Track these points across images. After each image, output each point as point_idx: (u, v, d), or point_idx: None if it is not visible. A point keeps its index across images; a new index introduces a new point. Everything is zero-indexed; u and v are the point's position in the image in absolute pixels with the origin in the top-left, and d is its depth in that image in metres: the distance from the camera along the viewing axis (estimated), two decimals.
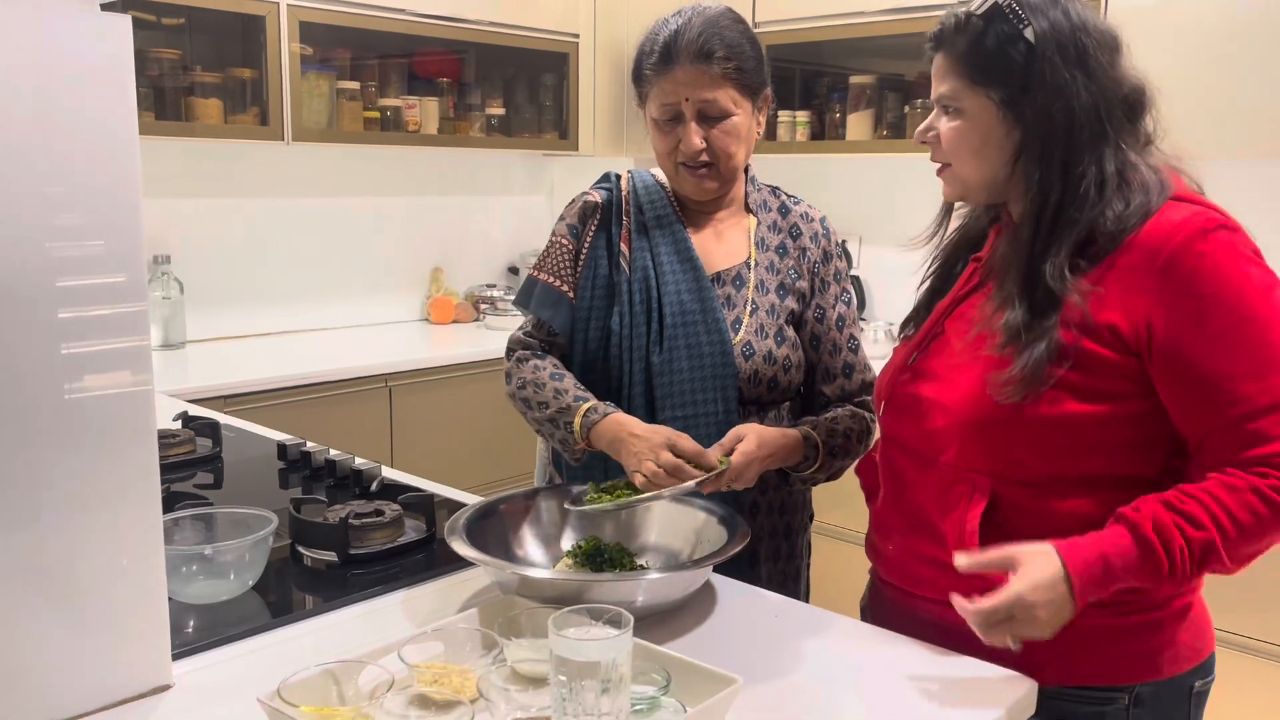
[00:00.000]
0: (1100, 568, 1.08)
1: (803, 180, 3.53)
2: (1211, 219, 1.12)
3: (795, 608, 1.35)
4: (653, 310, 1.55)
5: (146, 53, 2.88)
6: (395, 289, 3.73)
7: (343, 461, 1.84)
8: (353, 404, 2.91)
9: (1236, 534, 1.07)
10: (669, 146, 1.54)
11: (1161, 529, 1.08)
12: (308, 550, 1.47)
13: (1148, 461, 1.17)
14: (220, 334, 3.29)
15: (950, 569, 1.21)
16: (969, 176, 1.23)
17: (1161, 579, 1.08)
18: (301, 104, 3.03)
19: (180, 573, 1.29)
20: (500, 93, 3.71)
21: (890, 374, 1.35)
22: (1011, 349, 1.15)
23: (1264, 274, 1.12)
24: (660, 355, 1.53)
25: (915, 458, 1.26)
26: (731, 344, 1.53)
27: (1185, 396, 1.12)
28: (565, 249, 1.62)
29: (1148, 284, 1.11)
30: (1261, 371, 1.08)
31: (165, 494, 1.66)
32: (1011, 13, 1.16)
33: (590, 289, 1.59)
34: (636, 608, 1.22)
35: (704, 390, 1.52)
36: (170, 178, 3.13)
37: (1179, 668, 1.21)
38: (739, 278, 1.58)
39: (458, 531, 1.32)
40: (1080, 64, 1.15)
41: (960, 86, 1.19)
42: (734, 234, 1.61)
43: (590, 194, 1.65)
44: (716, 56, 1.47)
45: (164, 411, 2.19)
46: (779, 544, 1.60)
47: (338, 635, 1.25)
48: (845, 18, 3.07)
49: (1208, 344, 1.09)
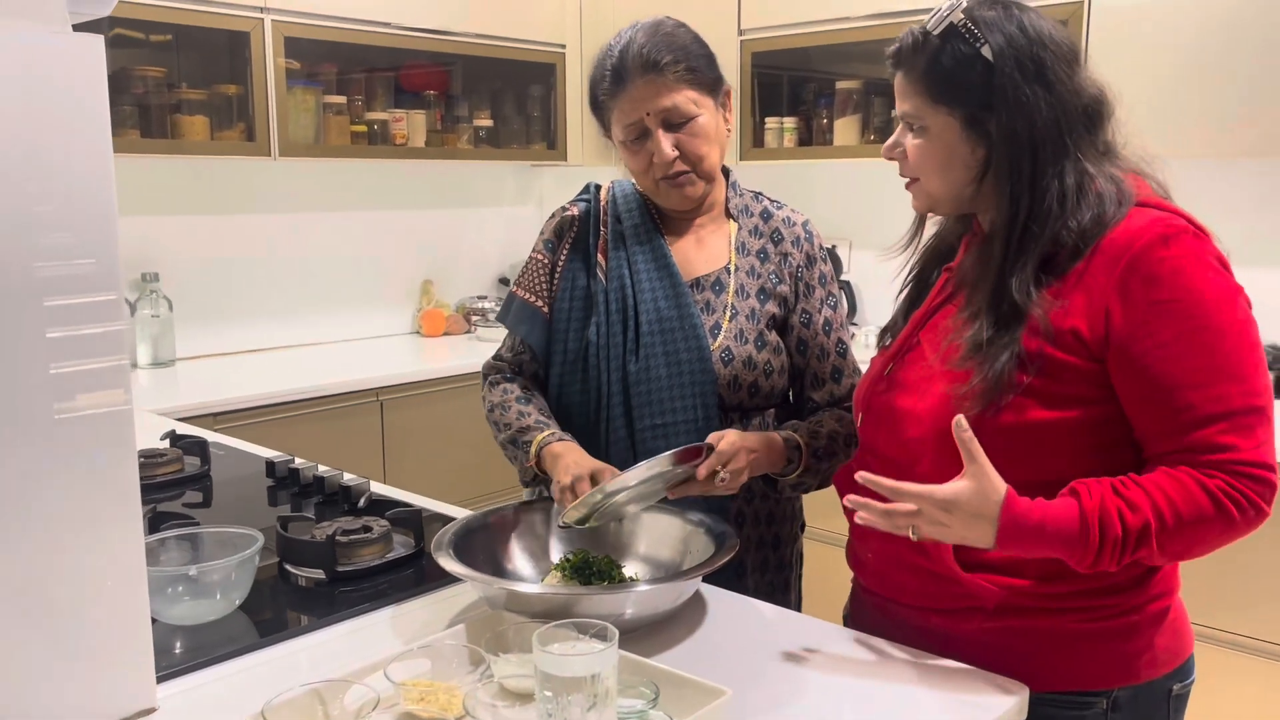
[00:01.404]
0: (1033, 526, 1.08)
1: (791, 186, 3.54)
2: (1175, 224, 1.12)
3: (786, 617, 1.34)
4: (629, 319, 1.55)
5: (131, 70, 2.88)
6: (386, 302, 3.73)
7: (331, 478, 1.83)
8: (344, 419, 2.90)
9: (1174, 524, 1.06)
10: (643, 164, 1.53)
11: (1104, 515, 1.07)
12: (295, 568, 1.46)
13: (1115, 463, 1.17)
14: (210, 351, 3.28)
15: (929, 575, 1.22)
16: (936, 191, 1.24)
17: (1086, 560, 1.08)
18: (288, 119, 3.03)
19: (165, 594, 1.28)
20: (488, 104, 3.71)
21: (867, 384, 1.35)
22: (973, 362, 1.16)
23: (1225, 282, 1.11)
24: (637, 364, 1.53)
25: (892, 467, 1.25)
26: (709, 349, 1.52)
27: (1137, 399, 1.12)
28: (541, 264, 1.63)
29: (1108, 288, 1.12)
30: (1210, 380, 1.08)
31: (152, 514, 1.67)
32: (967, 31, 1.16)
33: (568, 301, 1.59)
34: (625, 620, 1.21)
35: (682, 398, 1.52)
36: (157, 195, 3.13)
37: (1157, 671, 1.20)
38: (718, 283, 1.57)
39: (444, 547, 1.31)
40: (1039, 78, 1.15)
41: (922, 105, 1.20)
42: (714, 239, 1.61)
43: (569, 208, 1.66)
44: (665, 63, 1.47)
45: (152, 430, 2.18)
46: (767, 554, 1.59)
47: (325, 654, 1.24)
48: (831, 24, 3.07)
49: (1160, 349, 1.09)
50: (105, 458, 1.02)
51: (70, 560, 1.01)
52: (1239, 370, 1.09)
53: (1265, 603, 2.18)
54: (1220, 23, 2.40)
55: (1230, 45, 2.39)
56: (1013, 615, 1.19)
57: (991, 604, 1.20)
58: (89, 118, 0.98)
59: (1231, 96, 2.41)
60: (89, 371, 1.01)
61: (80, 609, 1.02)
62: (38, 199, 0.96)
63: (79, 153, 0.98)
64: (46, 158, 0.96)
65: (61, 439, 0.99)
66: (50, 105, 0.95)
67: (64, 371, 0.99)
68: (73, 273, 0.99)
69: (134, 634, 1.07)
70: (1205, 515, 1.07)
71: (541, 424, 1.53)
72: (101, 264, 1.01)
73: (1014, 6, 1.19)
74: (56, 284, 0.98)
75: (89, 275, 1.00)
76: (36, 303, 0.97)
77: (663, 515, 1.45)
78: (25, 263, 0.96)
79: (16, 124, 0.93)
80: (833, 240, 3.43)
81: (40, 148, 0.95)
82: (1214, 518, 1.07)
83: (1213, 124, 2.44)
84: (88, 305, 1.01)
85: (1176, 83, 2.45)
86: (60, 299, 0.99)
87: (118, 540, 1.04)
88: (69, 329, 0.99)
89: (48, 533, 0.99)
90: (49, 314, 0.98)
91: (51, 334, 0.98)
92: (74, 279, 0.99)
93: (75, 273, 0.99)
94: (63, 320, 0.99)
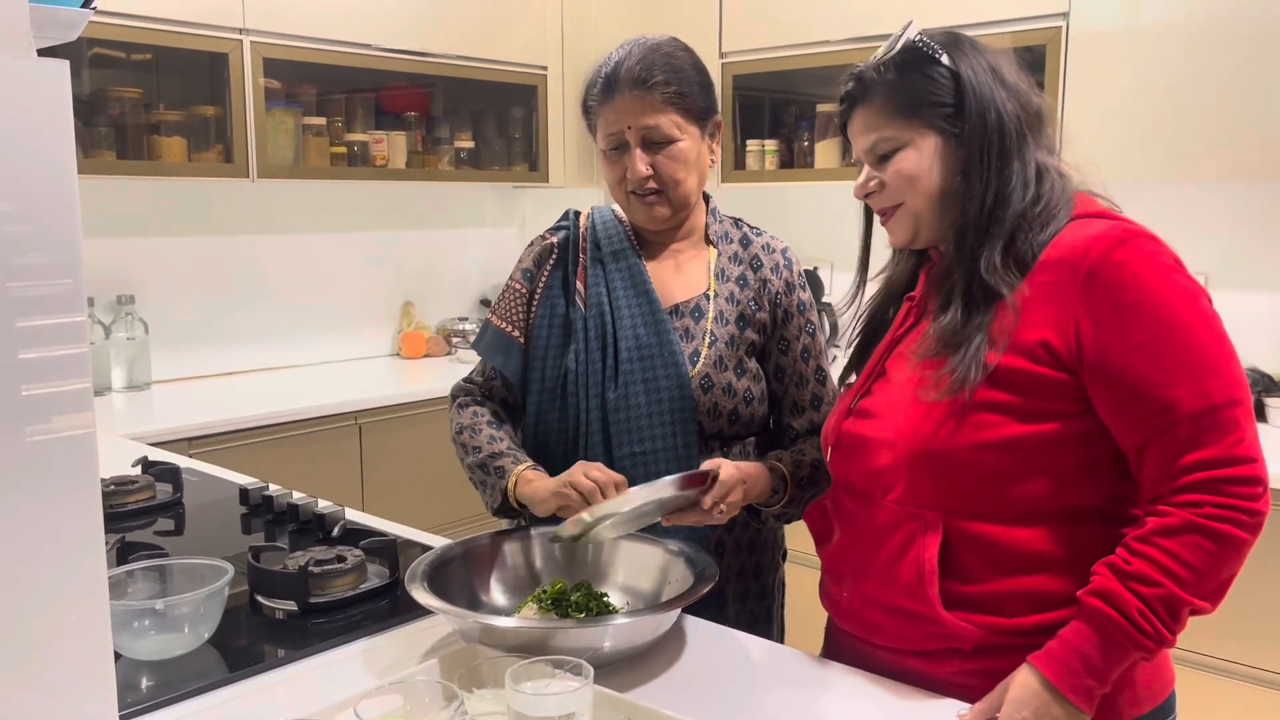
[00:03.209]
0: (1076, 661, 1.08)
1: (772, 208, 3.55)
2: (1128, 229, 1.14)
3: (765, 649, 1.32)
4: (608, 346, 1.54)
5: (109, 91, 2.86)
6: (365, 324, 3.70)
7: (305, 505, 1.80)
8: (323, 443, 2.87)
9: (1193, 577, 1.06)
10: (618, 176, 1.54)
11: (1111, 597, 1.08)
12: (267, 600, 1.44)
13: (1094, 489, 1.17)
14: (186, 374, 3.24)
15: (906, 615, 1.21)
16: (922, 209, 1.24)
17: (1143, 644, 1.07)
18: (267, 140, 3.01)
19: (131, 628, 1.25)
20: (469, 126, 3.70)
21: (836, 418, 1.34)
22: (946, 350, 1.18)
23: (1186, 281, 1.12)
24: (616, 391, 1.52)
25: (864, 499, 1.25)
26: (689, 376, 1.51)
27: (1118, 408, 1.12)
28: (518, 293, 1.62)
29: (1073, 298, 1.13)
30: (1190, 376, 1.08)
31: (120, 544, 1.63)
32: (925, 46, 1.22)
33: (547, 330, 1.58)
34: (603, 653, 1.19)
35: (661, 425, 1.50)
36: (134, 217, 3.10)
37: (1139, 709, 1.19)
38: (698, 309, 1.56)
39: (418, 579, 1.28)
40: (997, 78, 1.21)
41: (896, 126, 1.22)
42: (693, 266, 1.60)
43: (548, 236, 1.65)
44: (656, 82, 1.47)
45: (125, 456, 2.14)
46: (748, 584, 1.57)
47: (296, 689, 1.21)
48: (811, 46, 3.08)
49: (1134, 352, 1.09)
50: (67, 484, 1.00)
51: (27, 592, 0.98)
52: (1215, 364, 1.09)
53: (1247, 626, 2.18)
54: (1197, 47, 2.42)
55: (1207, 69, 2.41)
56: (991, 655, 1.17)
57: (970, 644, 1.18)
58: (54, 143, 0.96)
59: (1208, 120, 2.42)
60: (49, 395, 0.98)
61: (39, 644, 0.99)
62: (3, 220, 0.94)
63: (44, 178, 0.96)
64: (10, 182, 0.94)
65: (21, 464, 0.96)
66: (12, 131, 0.93)
67: (26, 395, 0.96)
68: (35, 295, 0.97)
69: (95, 670, 1.04)
70: (1210, 551, 1.06)
71: (513, 452, 1.52)
72: (66, 286, 0.98)
73: (953, 32, 1.26)
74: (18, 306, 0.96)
75: (50, 298, 0.98)
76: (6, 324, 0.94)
77: (642, 544, 1.43)
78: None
79: None
80: (814, 263, 3.43)
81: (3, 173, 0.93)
82: (1219, 551, 1.06)
83: (1189, 147, 2.45)
84: (51, 327, 0.98)
85: (1153, 107, 2.47)
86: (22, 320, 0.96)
87: (80, 572, 1.01)
88: (31, 352, 0.97)
89: (4, 564, 0.96)
90: (13, 335, 0.95)
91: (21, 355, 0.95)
92: (34, 301, 0.97)
93: (37, 295, 0.97)
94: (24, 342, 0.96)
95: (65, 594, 1.00)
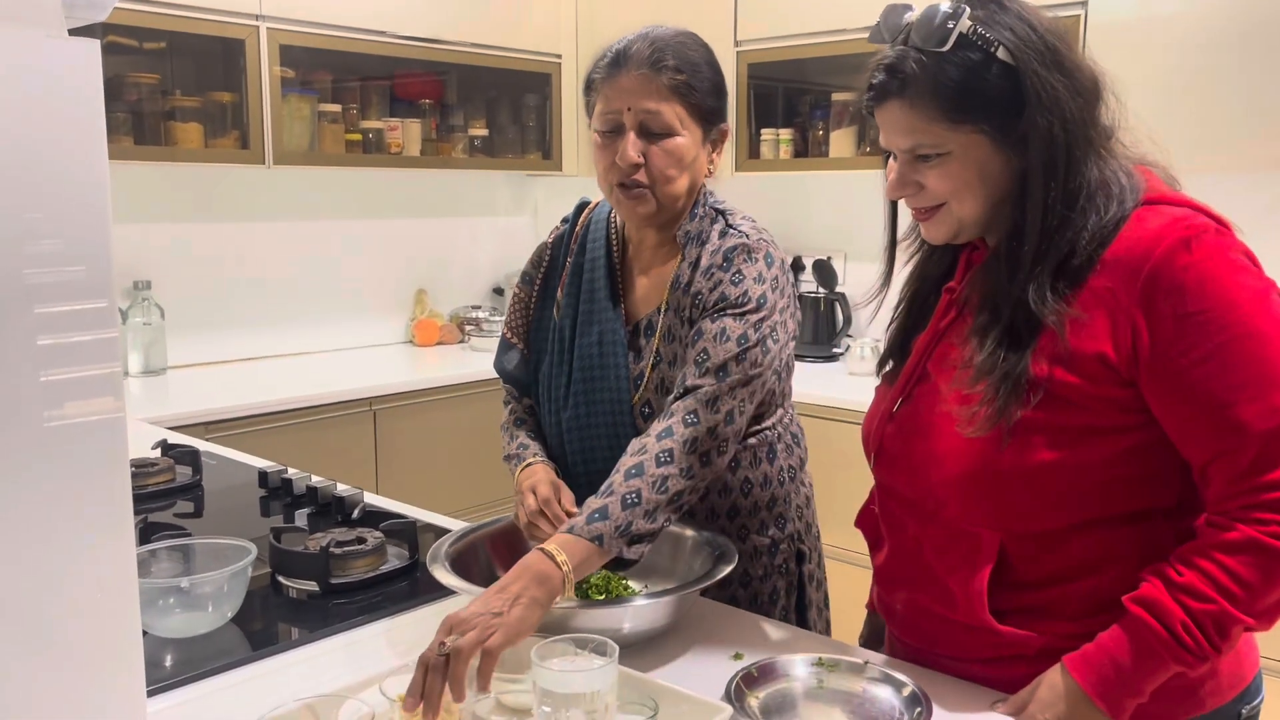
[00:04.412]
0: (1110, 668, 1.04)
1: (786, 197, 3.55)
2: (1194, 224, 1.04)
3: (785, 632, 1.33)
4: (565, 364, 1.51)
5: (125, 77, 2.86)
6: (379, 312, 3.71)
7: (324, 488, 1.81)
8: (337, 428, 2.89)
9: (1246, 595, 1.00)
10: (606, 163, 1.42)
11: (1156, 607, 1.03)
12: (288, 580, 1.45)
13: (1163, 492, 1.10)
14: (202, 359, 3.26)
15: (963, 629, 1.15)
16: (969, 214, 1.12)
17: (1184, 659, 1.02)
18: (282, 127, 3.02)
19: (156, 606, 1.26)
20: (483, 114, 3.70)
21: (876, 422, 1.25)
22: (983, 383, 1.08)
23: (1256, 280, 1.04)
24: (568, 411, 1.49)
25: (915, 511, 1.18)
26: (630, 403, 1.44)
27: (1182, 424, 1.04)
28: (519, 299, 1.60)
29: (1131, 305, 1.04)
30: (1261, 392, 0.99)
31: (143, 524, 1.65)
32: (977, 37, 1.06)
33: (540, 336, 1.57)
34: (623, 635, 1.20)
35: (606, 449, 1.44)
36: (150, 203, 3.11)
37: (1222, 698, 1.13)
38: (650, 326, 1.47)
39: (439, 559, 1.29)
40: (1058, 67, 1.07)
41: (941, 129, 1.08)
42: (666, 273, 1.48)
43: (548, 238, 1.62)
44: (666, 66, 1.38)
45: (144, 439, 2.16)
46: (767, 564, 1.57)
47: (319, 668, 1.22)
48: (827, 35, 3.07)
49: (1200, 366, 1.01)
50: (97, 467, 1.01)
51: (59, 572, 0.99)
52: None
53: None
54: (1216, 36, 2.40)
55: (1226, 58, 2.39)
56: (1058, 658, 1.09)
57: (1034, 650, 1.12)
58: (84, 123, 0.97)
59: (1228, 109, 2.41)
60: (80, 379, 0.99)
61: (69, 621, 1.00)
62: (32, 205, 0.94)
63: (74, 158, 0.97)
64: (41, 163, 0.95)
65: (52, 448, 0.97)
66: (45, 110, 0.94)
67: (55, 379, 0.97)
68: (65, 279, 0.98)
69: (124, 647, 1.05)
70: (1269, 570, 1.00)
71: (521, 449, 1.52)
72: (94, 271, 0.99)
73: (1000, 3, 1.09)
74: (48, 291, 0.97)
75: (82, 282, 0.99)
76: (28, 309, 0.95)
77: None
78: (17, 269, 0.94)
79: (10, 128, 0.92)
80: (828, 252, 3.43)
81: (34, 153, 0.94)
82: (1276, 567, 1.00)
83: (1209, 137, 2.44)
84: (80, 312, 0.99)
85: (1174, 96, 2.46)
86: (51, 306, 0.97)
87: (109, 551, 1.03)
88: (61, 336, 0.98)
89: (37, 543, 0.97)
90: (40, 321, 0.96)
91: (42, 341, 0.96)
92: (66, 285, 0.98)
93: (67, 279, 0.98)
94: (54, 327, 0.97)
95: (95, 574, 1.02)
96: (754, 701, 1.10)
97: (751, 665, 1.15)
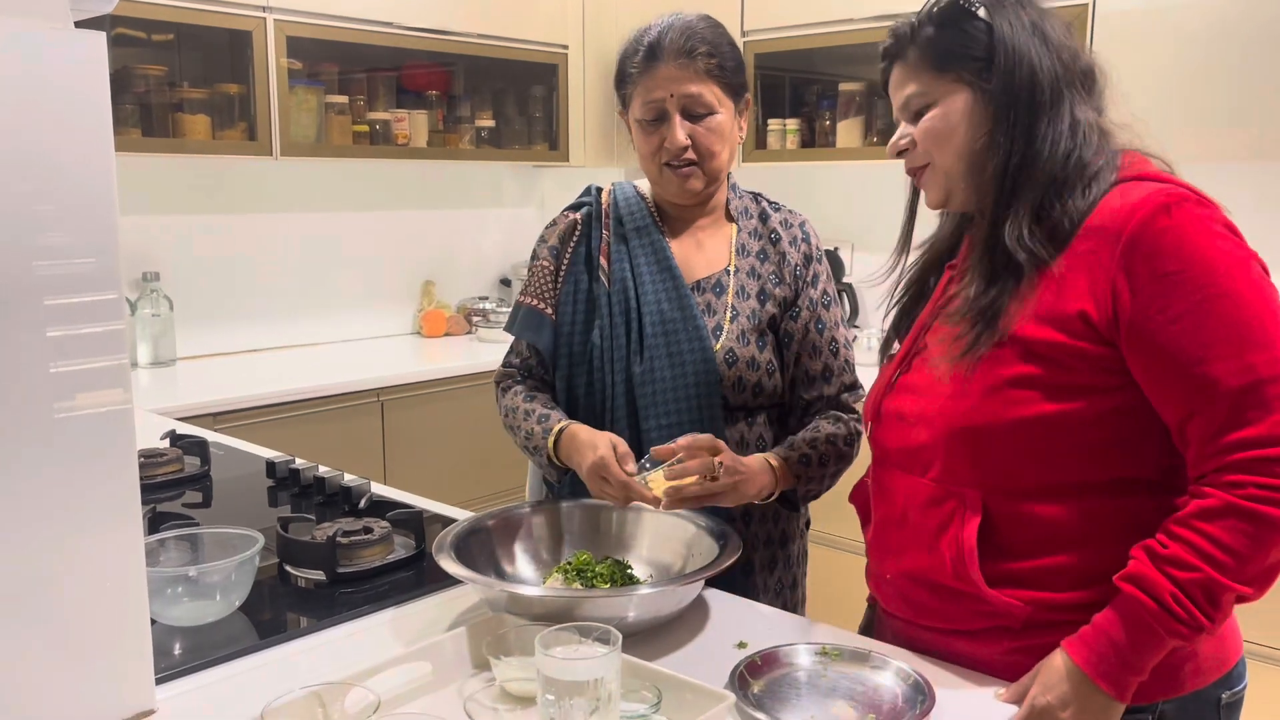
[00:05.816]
0: (1107, 647, 1.06)
1: (793, 188, 3.54)
2: (1175, 193, 1.08)
3: (789, 621, 1.34)
4: (632, 321, 1.56)
5: (133, 69, 2.87)
6: (386, 303, 3.72)
7: (331, 478, 1.82)
8: (345, 419, 2.90)
9: (1234, 561, 1.01)
10: (653, 147, 1.54)
11: (1144, 581, 1.04)
12: (296, 569, 1.46)
13: (1143, 461, 1.13)
14: (210, 350, 3.27)
15: (951, 594, 1.18)
16: (951, 167, 1.20)
17: (1178, 630, 1.03)
18: (290, 118, 3.02)
19: (165, 595, 1.27)
20: (490, 105, 3.70)
21: (876, 394, 1.31)
22: (966, 318, 1.15)
23: (1236, 247, 1.07)
24: (641, 365, 1.53)
25: (905, 476, 1.22)
26: (714, 351, 1.52)
27: (1158, 384, 1.07)
28: (546, 270, 1.63)
29: (1111, 266, 1.07)
30: (1235, 351, 1.02)
31: (151, 514, 1.66)
32: (965, 1, 1.18)
33: (571, 305, 1.59)
34: (627, 623, 1.21)
35: (687, 399, 1.52)
36: (158, 194, 3.12)
37: (1203, 680, 1.15)
38: (719, 285, 1.58)
39: (446, 549, 1.30)
40: (1036, 32, 1.16)
41: (928, 79, 1.19)
42: (714, 242, 1.62)
43: (569, 213, 1.66)
44: (700, 52, 1.50)
45: (152, 430, 2.17)
46: (775, 552, 1.58)
47: (326, 656, 1.23)
48: (834, 25, 3.07)
49: (1176, 324, 1.04)
50: (105, 457, 1.02)
51: (69, 560, 1.00)
52: (1262, 336, 1.02)
53: None
54: (1223, 26, 2.39)
55: (1233, 49, 2.38)
56: (1042, 632, 1.13)
57: (1019, 622, 1.15)
58: (91, 115, 0.97)
59: (1234, 100, 2.40)
60: (89, 371, 1.00)
61: (79, 610, 1.01)
62: (39, 197, 0.95)
63: (81, 151, 0.97)
64: (48, 156, 0.95)
65: (61, 438, 0.98)
66: (52, 103, 0.95)
67: (64, 370, 0.98)
68: (73, 271, 0.99)
69: (134, 635, 1.06)
70: (1253, 535, 1.01)
71: (544, 422, 1.53)
72: (102, 263, 1.00)
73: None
74: (56, 283, 0.97)
75: (89, 274, 1.00)
76: (37, 301, 0.96)
77: (666, 517, 1.44)
78: (25, 261, 0.95)
79: (18, 122, 0.93)
80: (834, 243, 3.43)
81: (42, 146, 0.95)
82: (1261, 533, 1.01)
83: (1214, 127, 2.43)
84: (88, 304, 1.00)
85: (1179, 86, 2.45)
86: (60, 298, 0.98)
87: (118, 540, 1.04)
88: (69, 328, 0.99)
89: (47, 533, 0.98)
90: (49, 313, 0.97)
91: (51, 333, 0.97)
92: (74, 278, 0.99)
93: (75, 271, 0.99)
94: (63, 319, 0.98)
95: (104, 562, 1.03)
96: (757, 689, 1.11)
97: (755, 653, 1.17)
